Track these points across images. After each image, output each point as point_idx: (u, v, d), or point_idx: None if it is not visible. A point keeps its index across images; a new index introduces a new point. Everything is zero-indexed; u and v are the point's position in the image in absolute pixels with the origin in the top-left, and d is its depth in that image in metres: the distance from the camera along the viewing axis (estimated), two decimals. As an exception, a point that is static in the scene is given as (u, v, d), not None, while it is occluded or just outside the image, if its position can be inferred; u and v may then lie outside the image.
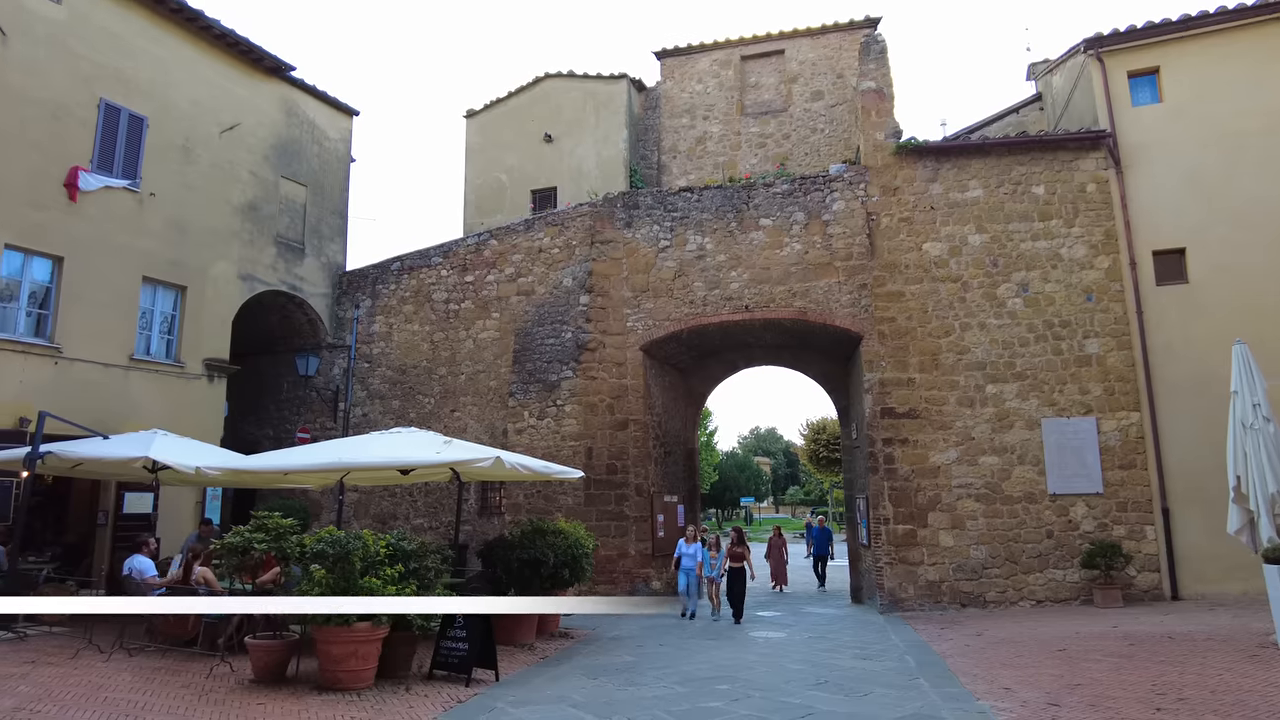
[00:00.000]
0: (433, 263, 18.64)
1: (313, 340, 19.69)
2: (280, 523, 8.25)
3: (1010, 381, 14.83)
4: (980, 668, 8.94)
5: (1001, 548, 14.32)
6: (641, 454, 16.06)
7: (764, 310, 15.73)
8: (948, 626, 12.37)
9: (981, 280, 15.16)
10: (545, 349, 16.85)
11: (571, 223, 17.24)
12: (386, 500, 18.28)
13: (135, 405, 15.08)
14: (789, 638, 12.14)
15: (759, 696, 7.91)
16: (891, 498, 14.62)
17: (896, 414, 14.88)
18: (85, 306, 14.65)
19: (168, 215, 16.17)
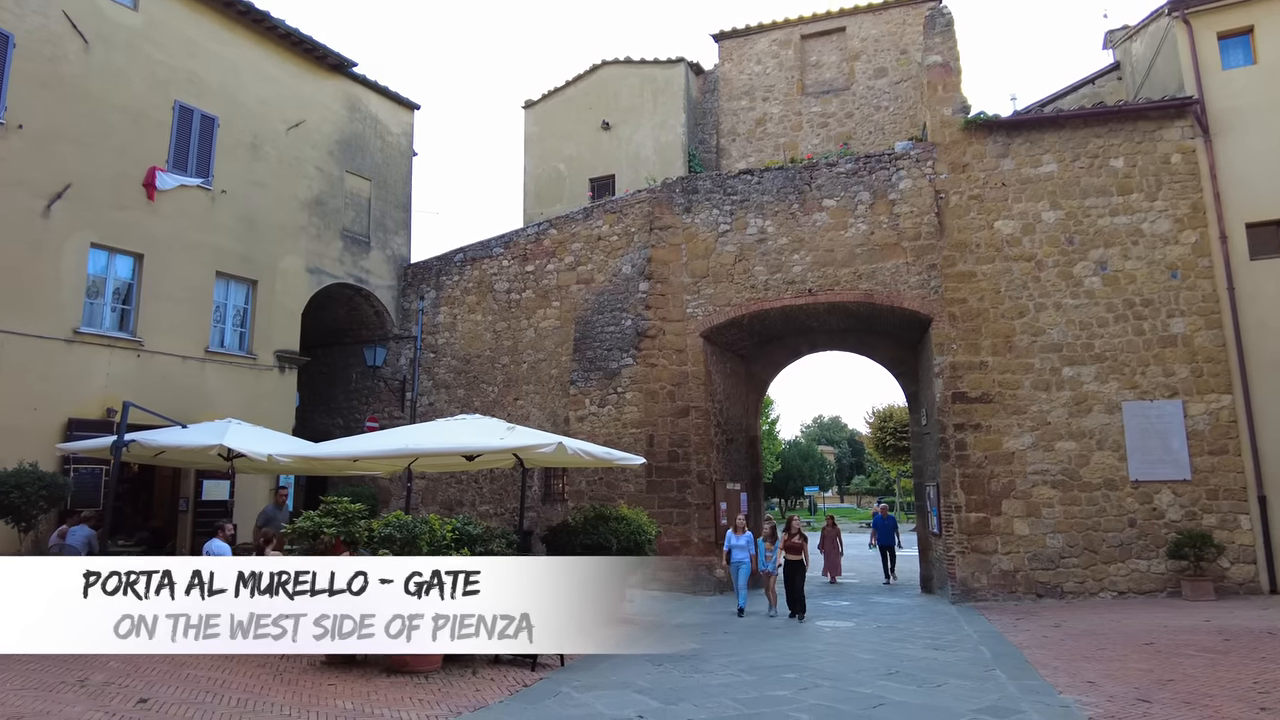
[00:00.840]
0: (494, 253, 18.79)
1: (379, 331, 20.08)
2: (349, 508, 8.40)
3: (1088, 364, 14.20)
4: (1061, 660, 8.57)
5: (1080, 536, 13.75)
6: (703, 441, 15.92)
7: (828, 293, 15.39)
8: (1023, 617, 11.94)
9: (1057, 259, 14.53)
10: (605, 337, 16.83)
11: (630, 209, 17.15)
12: (453, 487, 18.56)
13: (211, 396, 15.60)
14: (857, 627, 11.88)
15: (828, 686, 7.73)
16: (963, 485, 14.17)
17: (968, 398, 14.40)
18: (163, 301, 15.21)
19: (238, 211, 16.65)
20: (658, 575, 15.62)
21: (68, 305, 13.91)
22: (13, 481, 10.82)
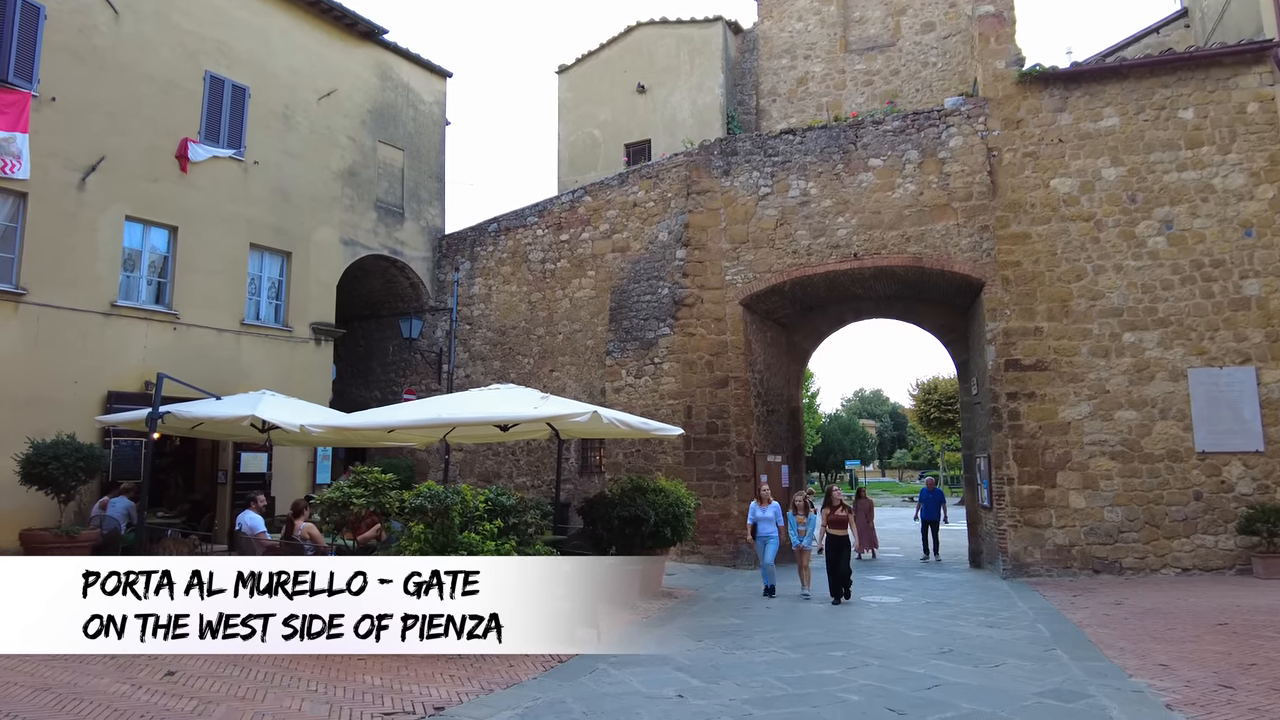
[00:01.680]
0: (528, 223, 18.45)
1: (415, 304, 19.93)
2: (379, 478, 8.18)
3: (1151, 329, 13.44)
4: (1127, 640, 8.06)
5: (1140, 510, 13.09)
6: (742, 412, 15.50)
7: (874, 258, 14.78)
8: (1080, 594, 11.39)
9: (1118, 218, 13.72)
10: (642, 306, 16.43)
11: (666, 174, 16.65)
12: (490, 459, 18.43)
13: (247, 369, 15.57)
14: (905, 603, 11.45)
15: (878, 665, 7.34)
16: (1016, 456, 13.57)
17: (1022, 366, 13.74)
18: (198, 274, 15.17)
19: (271, 183, 16.52)
20: (697, 548, 15.33)
21: (104, 278, 13.92)
22: (50, 453, 10.85)
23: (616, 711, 5.78)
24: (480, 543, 7.74)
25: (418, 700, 5.93)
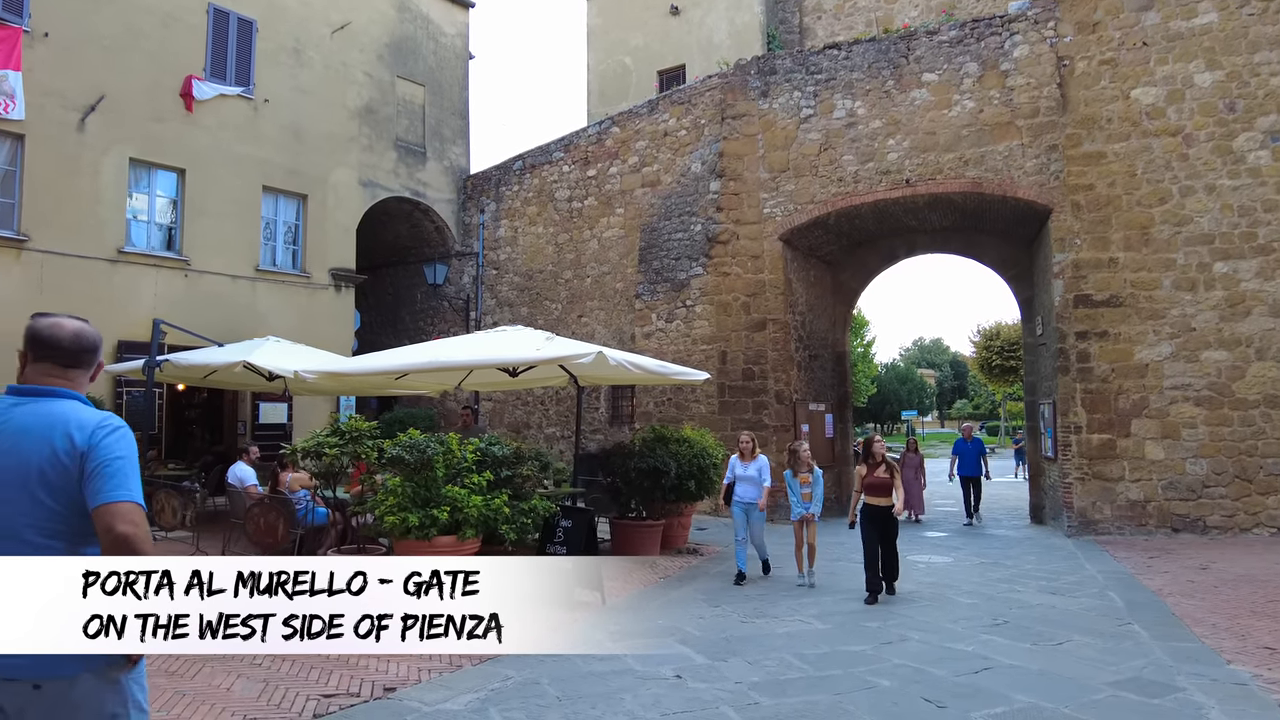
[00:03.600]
0: (554, 158, 17.37)
1: (441, 248, 19.14)
2: (357, 425, 7.39)
3: (1248, 257, 11.80)
4: (1220, 615, 6.87)
5: (1230, 462, 11.65)
6: (782, 357, 14.36)
7: (928, 184, 13.34)
8: (1157, 555, 10.13)
9: (1211, 130, 12.01)
10: (673, 244, 15.29)
11: (699, 99, 15.33)
12: (519, 409, 17.71)
13: (263, 316, 15.00)
14: (955, 563, 10.34)
15: (918, 640, 6.32)
16: (1085, 403, 12.19)
17: (1094, 302, 12.27)
18: (209, 219, 14.57)
19: (283, 122, 15.74)
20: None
21: (109, 224, 13.40)
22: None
23: (596, 697, 4.92)
24: (465, 497, 6.91)
25: (370, 679, 5.16)
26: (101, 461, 2.11)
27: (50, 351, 2.24)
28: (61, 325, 2.28)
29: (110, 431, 2.16)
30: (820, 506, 8.92)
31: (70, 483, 2.11)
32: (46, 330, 2.26)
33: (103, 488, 2.09)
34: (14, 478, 2.12)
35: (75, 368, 2.27)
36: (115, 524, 2.06)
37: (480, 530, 7.02)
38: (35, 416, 2.16)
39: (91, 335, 2.33)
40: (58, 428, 2.14)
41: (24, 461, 2.12)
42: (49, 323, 2.29)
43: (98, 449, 2.12)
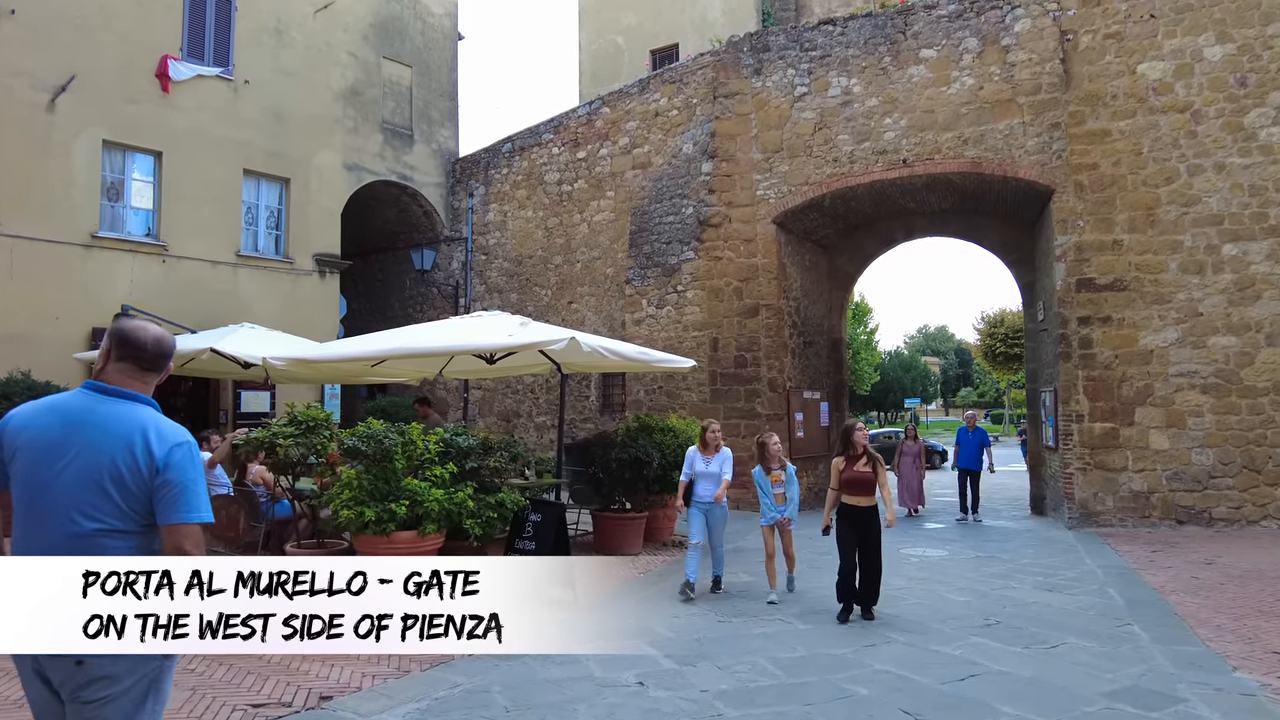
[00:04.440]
0: (543, 140, 16.93)
1: (430, 234, 18.75)
2: (314, 414, 7.03)
3: (1259, 239, 11.33)
4: (1226, 615, 6.47)
5: (1237, 452, 11.22)
6: (775, 344, 13.95)
7: (926, 164, 12.88)
8: (1161, 549, 9.73)
9: (1221, 106, 11.51)
10: (664, 228, 14.87)
11: (691, 77, 14.86)
12: (510, 398, 17.36)
13: (245, 303, 14.64)
14: (951, 556, 9.96)
15: (902, 642, 5.95)
16: (1087, 390, 11.77)
17: (1097, 286, 11.82)
18: (188, 203, 14.19)
19: (265, 103, 15.33)
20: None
21: (83, 208, 13.03)
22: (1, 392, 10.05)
23: (547, 707, 4.56)
24: (426, 490, 6.54)
25: (307, 685, 4.81)
26: (176, 480, 2.24)
27: (134, 353, 2.36)
28: (146, 329, 2.42)
29: (184, 450, 2.29)
30: (796, 509, 7.57)
31: (143, 487, 2.25)
32: (132, 332, 2.38)
33: (176, 507, 2.24)
34: (88, 468, 2.25)
35: (152, 371, 2.40)
36: (183, 543, 2.23)
37: (443, 525, 6.66)
38: (117, 417, 2.28)
39: (169, 342, 2.48)
40: (137, 432, 2.27)
41: (101, 455, 2.25)
42: (135, 325, 2.41)
43: (173, 466, 2.25)
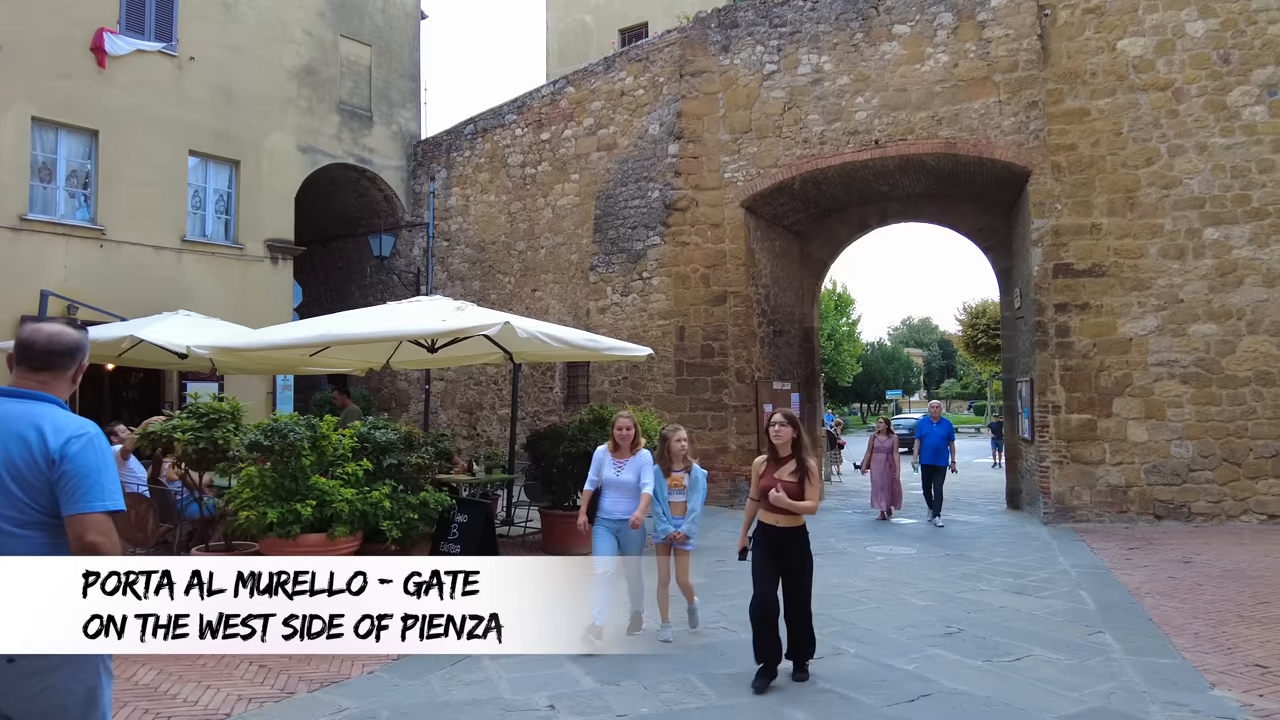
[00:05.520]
0: (506, 121, 16.29)
1: (391, 219, 18.08)
2: (217, 407, 6.43)
3: (1241, 222, 10.89)
4: (1203, 620, 6.00)
5: (1218, 444, 10.80)
6: (743, 333, 13.42)
7: (898, 145, 12.35)
8: (1138, 546, 9.29)
9: (1204, 84, 11.05)
10: (629, 212, 14.29)
11: (658, 55, 14.26)
12: (472, 390, 16.77)
13: (190, 290, 13.94)
14: (919, 555, 9.48)
15: (853, 654, 5.44)
16: (1064, 380, 11.31)
17: (1074, 271, 11.36)
18: (128, 184, 13.47)
19: (212, 82, 14.61)
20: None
21: (11, 189, 12.29)
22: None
23: (437, 739, 4.00)
24: (335, 489, 5.97)
25: (176, 712, 4.24)
26: (74, 471, 2.20)
27: (24, 354, 2.38)
28: (39, 330, 2.42)
29: (83, 440, 2.25)
30: (698, 524, 5.99)
31: (43, 481, 2.21)
32: (23, 336, 2.41)
33: (75, 497, 2.19)
34: None
35: (47, 370, 2.37)
36: (85, 533, 2.17)
37: (357, 527, 6.10)
38: (14, 416, 2.27)
39: (66, 339, 2.42)
40: (31, 426, 2.25)
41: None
42: (28, 329, 2.43)
43: (70, 457, 2.21)
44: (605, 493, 5.87)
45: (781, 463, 5.01)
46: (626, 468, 5.86)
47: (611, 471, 5.87)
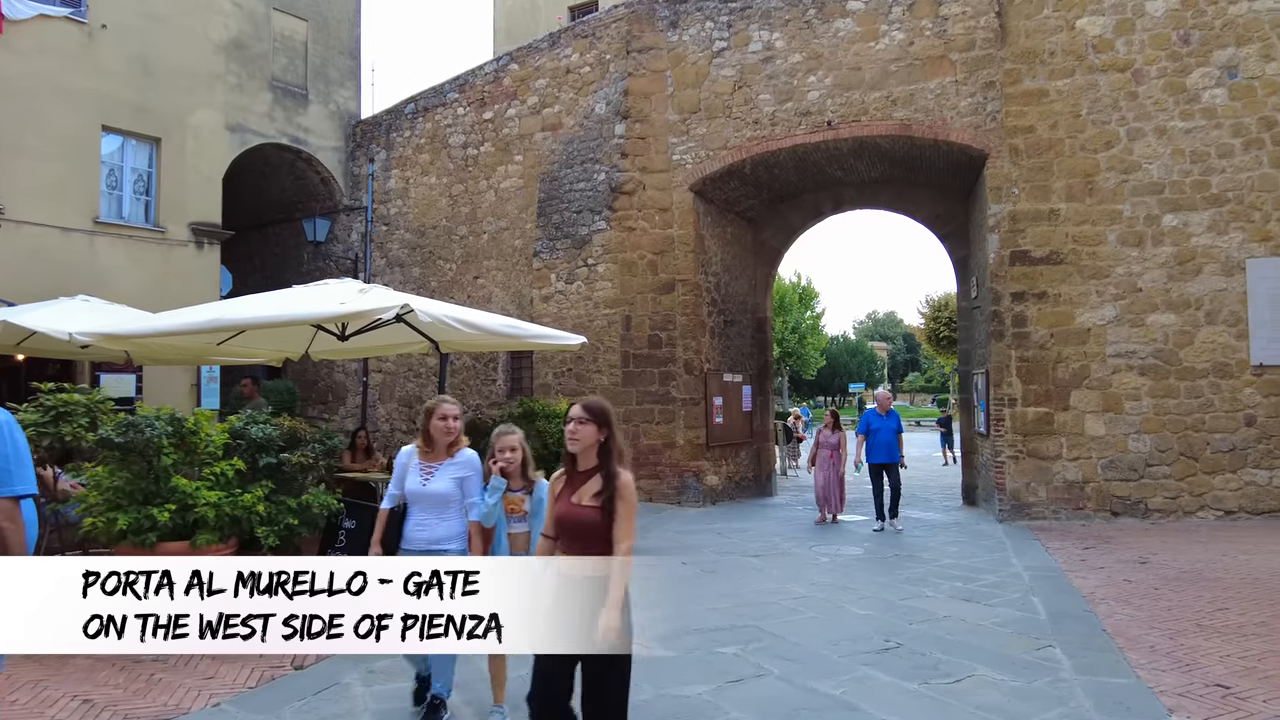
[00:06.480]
0: (448, 100, 15.52)
1: (329, 203, 17.21)
2: (69, 400, 5.68)
3: (1200, 209, 10.52)
4: (1160, 631, 5.52)
5: (1175, 438, 10.44)
6: (692, 323, 12.84)
7: (851, 126, 11.83)
8: (1094, 545, 8.88)
9: (1164, 65, 10.66)
10: (574, 196, 13.62)
11: (604, 31, 13.59)
12: (412, 382, 16.00)
13: (104, 275, 13.00)
14: (866, 555, 8.97)
15: (776, 675, 4.86)
16: (1020, 372, 10.88)
17: (1032, 259, 10.92)
18: (29, 160, 12.48)
19: (128, 52, 13.63)
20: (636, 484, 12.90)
21: (-107, 161, 11.34)
22: None
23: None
24: (195, 491, 5.25)
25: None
26: None
27: None
28: None
29: None
30: None
31: None
32: None
33: None
34: None
35: None
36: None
37: (227, 534, 5.39)
38: None
39: None
40: None
41: None
42: None
43: None
44: (410, 511, 4.15)
45: (581, 478, 3.24)
46: (439, 474, 4.13)
47: (418, 479, 4.13)
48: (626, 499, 3.22)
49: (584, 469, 3.27)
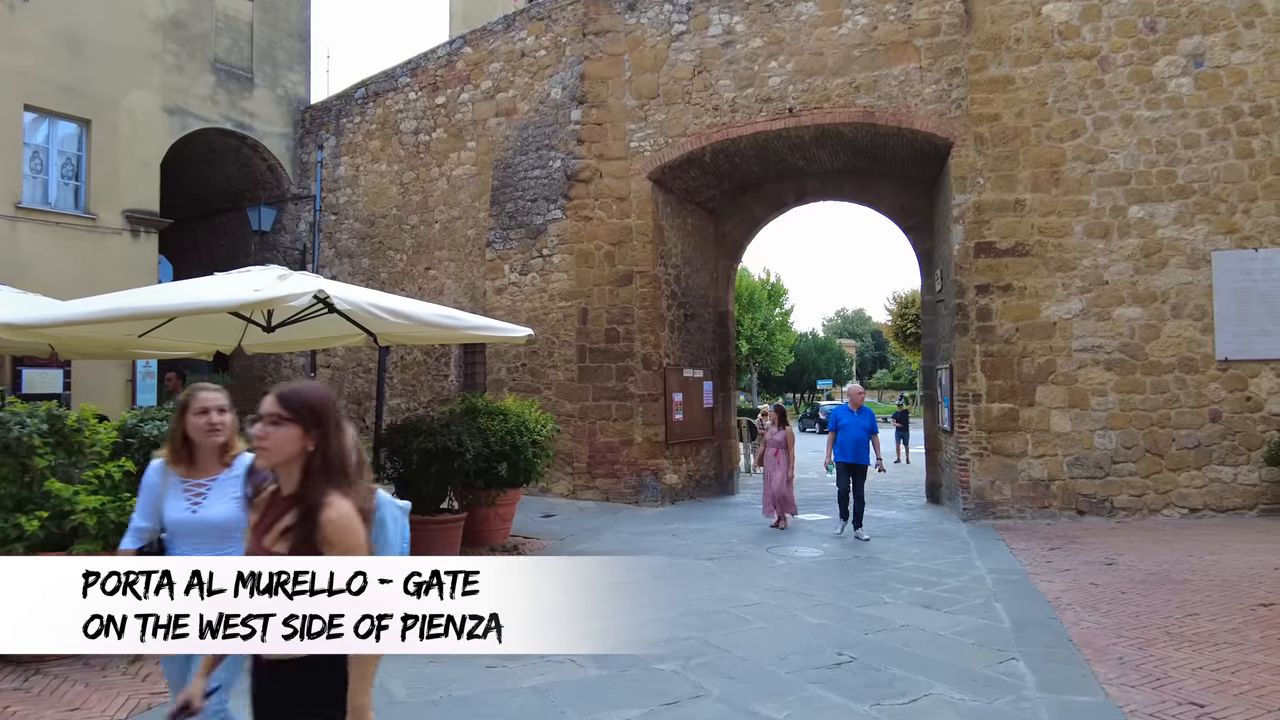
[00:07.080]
0: (399, 84, 14.91)
1: (276, 191, 16.52)
2: (-67, 395, 5.09)
3: (1167, 200, 10.29)
4: (1126, 640, 5.18)
5: (1141, 435, 10.21)
6: (651, 317, 12.39)
7: (813, 113, 11.45)
8: (1059, 545, 8.58)
9: (1130, 53, 10.41)
10: (529, 184, 13.11)
11: (561, 14, 13.08)
12: (361, 378, 15.39)
13: (27, 264, 12.25)
14: (825, 558, 8.60)
15: (716, 696, 4.43)
16: (985, 367, 10.59)
17: (997, 250, 10.63)
18: (-56, 139, 11.75)
19: (53, 27, 12.88)
20: (593, 482, 12.47)
21: None
22: None
23: None
24: (73, 495, 4.70)
25: None
26: None
27: None
28: None
29: None
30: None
31: None
32: None
33: None
34: None
35: None
36: None
37: (112, 543, 4.83)
38: None
39: None
40: None
41: None
42: None
43: None
44: (173, 549, 2.98)
45: (279, 508, 2.24)
46: (214, 494, 3.00)
47: (182, 505, 2.98)
48: (336, 543, 2.09)
49: (287, 493, 2.23)
